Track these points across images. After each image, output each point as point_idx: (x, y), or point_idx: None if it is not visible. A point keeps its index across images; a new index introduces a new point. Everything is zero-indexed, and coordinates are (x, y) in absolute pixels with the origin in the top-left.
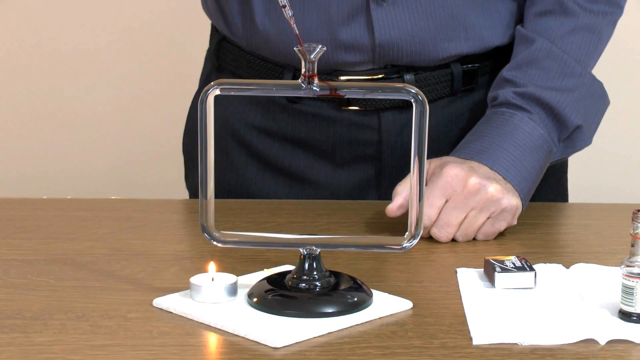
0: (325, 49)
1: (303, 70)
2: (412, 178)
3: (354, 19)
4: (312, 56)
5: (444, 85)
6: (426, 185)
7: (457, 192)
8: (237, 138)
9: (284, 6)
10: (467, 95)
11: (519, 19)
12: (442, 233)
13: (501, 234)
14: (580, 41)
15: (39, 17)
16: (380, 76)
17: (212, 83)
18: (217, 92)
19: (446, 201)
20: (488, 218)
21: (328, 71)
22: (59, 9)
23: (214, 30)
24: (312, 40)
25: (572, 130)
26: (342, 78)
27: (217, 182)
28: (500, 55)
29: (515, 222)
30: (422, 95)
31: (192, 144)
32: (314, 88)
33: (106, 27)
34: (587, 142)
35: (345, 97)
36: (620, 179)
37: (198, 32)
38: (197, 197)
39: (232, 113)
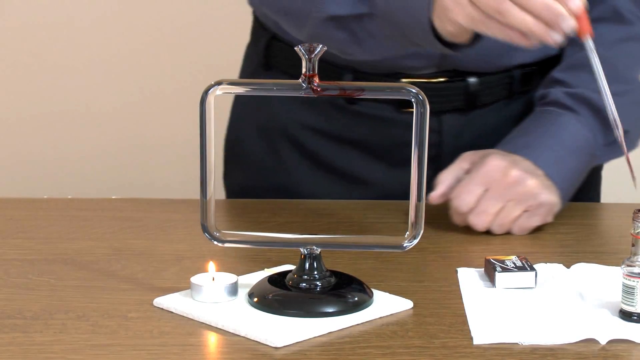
0: (325, 48)
1: (304, 69)
2: (412, 178)
3: None
4: (312, 56)
5: (503, 88)
6: (468, 173)
7: (497, 182)
8: (289, 137)
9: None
10: (521, 97)
11: None
12: (478, 220)
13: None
14: (631, 49)
15: (38, 15)
16: (442, 79)
17: (212, 83)
18: (218, 91)
19: (485, 190)
20: (525, 211)
21: (390, 73)
22: (59, 9)
23: (259, 27)
24: (381, 51)
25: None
26: (404, 80)
27: (267, 182)
28: (555, 58)
29: (550, 219)
30: (422, 95)
31: (236, 141)
32: (314, 87)
33: (108, 27)
34: (633, 146)
35: (356, 97)
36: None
37: (200, 31)
38: (235, 197)
39: (283, 112)
